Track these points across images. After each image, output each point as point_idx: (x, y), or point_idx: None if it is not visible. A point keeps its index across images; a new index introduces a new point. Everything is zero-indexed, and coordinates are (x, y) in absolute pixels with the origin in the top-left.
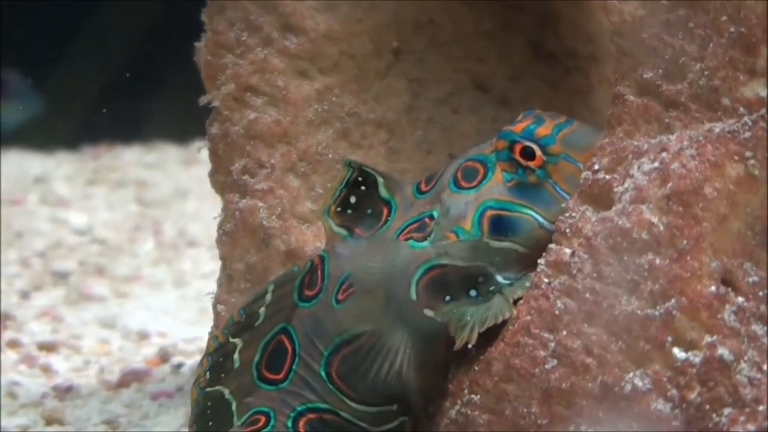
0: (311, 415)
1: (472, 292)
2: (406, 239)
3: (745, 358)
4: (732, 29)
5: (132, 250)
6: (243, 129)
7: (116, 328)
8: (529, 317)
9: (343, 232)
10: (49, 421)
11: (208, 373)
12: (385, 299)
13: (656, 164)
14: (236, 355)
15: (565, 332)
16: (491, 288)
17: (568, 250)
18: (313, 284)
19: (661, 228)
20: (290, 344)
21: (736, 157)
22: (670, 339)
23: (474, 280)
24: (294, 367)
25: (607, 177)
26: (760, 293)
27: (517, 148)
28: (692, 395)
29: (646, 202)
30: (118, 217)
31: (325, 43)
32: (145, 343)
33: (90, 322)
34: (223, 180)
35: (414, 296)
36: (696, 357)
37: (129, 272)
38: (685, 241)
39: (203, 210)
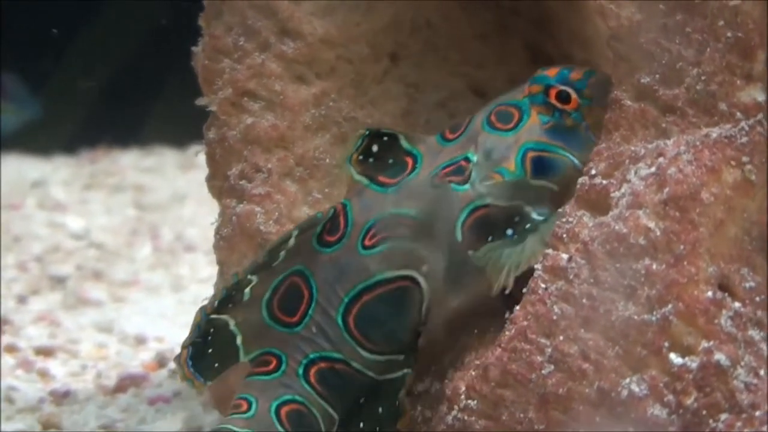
0: (323, 364)
1: (509, 231)
2: (446, 182)
3: (742, 363)
4: (729, 34)
5: (129, 255)
6: (240, 134)
7: (113, 333)
8: (526, 322)
9: (364, 180)
10: (46, 426)
11: (216, 302)
12: (421, 242)
13: (653, 169)
14: (248, 290)
15: (561, 337)
16: (527, 226)
17: (565, 256)
18: (335, 230)
19: (658, 233)
20: (307, 289)
21: (733, 162)
22: (666, 344)
23: (511, 219)
24: (310, 312)
25: (604, 182)
26: (757, 299)
27: (553, 92)
28: (689, 401)
29: (643, 207)
30: (116, 221)
31: (322, 47)
32: (143, 348)
33: (87, 326)
34: (220, 185)
35: (460, 238)
36: (693, 362)
37: (126, 277)
38: (682, 247)
39: (201, 214)
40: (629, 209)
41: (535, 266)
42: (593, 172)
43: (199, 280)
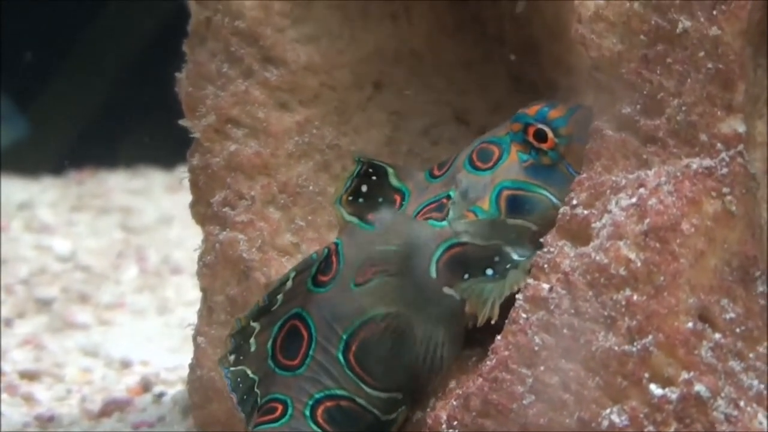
0: (329, 403)
1: (489, 271)
2: (426, 218)
3: (722, 394)
4: (710, 65)
5: (116, 277)
6: (223, 161)
7: (99, 357)
8: (507, 352)
9: (355, 220)
10: None
11: (231, 355)
12: (405, 279)
13: (634, 200)
14: (252, 339)
15: (542, 368)
16: (507, 266)
17: (546, 286)
18: (328, 269)
19: (639, 264)
20: (306, 330)
21: (713, 193)
22: (647, 375)
23: (491, 259)
24: (311, 352)
25: (585, 212)
26: (738, 330)
27: (531, 130)
28: None
29: (623, 238)
30: (102, 243)
31: (305, 74)
32: (128, 372)
33: (73, 350)
34: (203, 211)
35: (434, 274)
36: (673, 393)
37: (112, 299)
38: (662, 278)
39: (188, 237)
40: (610, 240)
41: (517, 296)
42: (574, 202)
43: (186, 303)
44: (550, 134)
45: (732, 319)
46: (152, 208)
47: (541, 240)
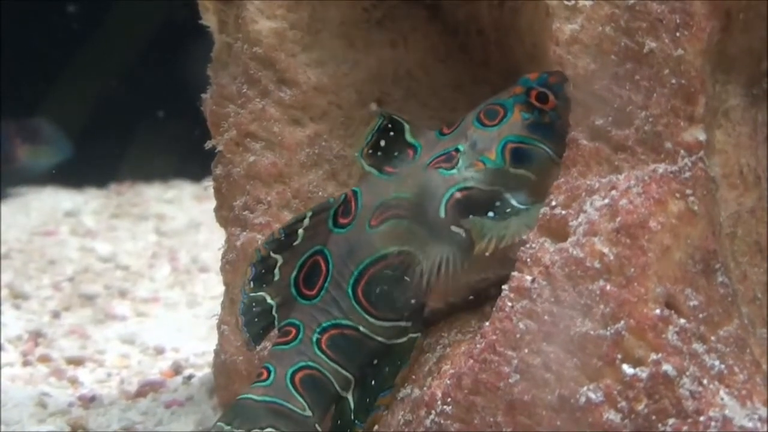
0: (333, 331)
1: (490, 213)
2: (435, 168)
3: (687, 373)
4: (673, 81)
5: (150, 275)
6: (243, 170)
7: (136, 344)
8: (494, 337)
9: (374, 171)
10: (75, 428)
11: (251, 282)
12: (416, 220)
13: (606, 201)
14: (277, 270)
15: (526, 350)
16: (507, 210)
17: (529, 277)
18: (347, 213)
19: (611, 257)
20: (325, 265)
21: (677, 195)
22: (619, 356)
23: (492, 202)
24: (326, 285)
25: (563, 212)
26: (700, 315)
27: (533, 93)
28: (640, 407)
29: (597, 235)
30: (139, 246)
31: (315, 94)
32: (161, 358)
33: (113, 338)
34: (226, 215)
35: (443, 214)
36: (643, 372)
37: (148, 295)
38: (632, 269)
39: (214, 240)
40: (585, 236)
41: (503, 287)
42: (553, 203)
43: (212, 297)
44: (551, 96)
45: (695, 306)
46: (183, 215)
47: (524, 237)
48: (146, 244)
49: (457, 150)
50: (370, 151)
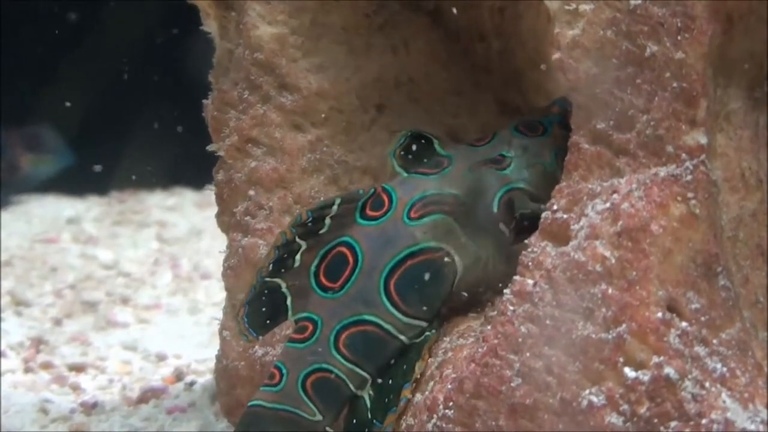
0: (354, 329)
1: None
2: (483, 168)
3: (689, 376)
4: (675, 84)
5: (152, 282)
6: (245, 176)
7: (138, 351)
8: (496, 341)
9: (403, 172)
10: None
11: (271, 264)
12: (460, 217)
13: (608, 204)
14: (298, 256)
15: (528, 354)
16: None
17: (530, 281)
18: (379, 206)
19: (613, 261)
20: (353, 257)
21: (679, 198)
22: (621, 360)
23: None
24: (353, 278)
25: (565, 216)
26: (702, 319)
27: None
28: (642, 410)
29: (599, 238)
30: (141, 253)
31: (316, 100)
32: (163, 364)
33: (115, 345)
34: (228, 220)
35: (495, 209)
36: (645, 376)
37: (150, 301)
38: (634, 273)
39: (215, 247)
40: (587, 240)
41: (504, 291)
42: (555, 207)
43: (214, 304)
44: None
45: (697, 309)
46: (184, 223)
47: (526, 241)
48: (148, 251)
49: (502, 156)
50: (402, 153)
